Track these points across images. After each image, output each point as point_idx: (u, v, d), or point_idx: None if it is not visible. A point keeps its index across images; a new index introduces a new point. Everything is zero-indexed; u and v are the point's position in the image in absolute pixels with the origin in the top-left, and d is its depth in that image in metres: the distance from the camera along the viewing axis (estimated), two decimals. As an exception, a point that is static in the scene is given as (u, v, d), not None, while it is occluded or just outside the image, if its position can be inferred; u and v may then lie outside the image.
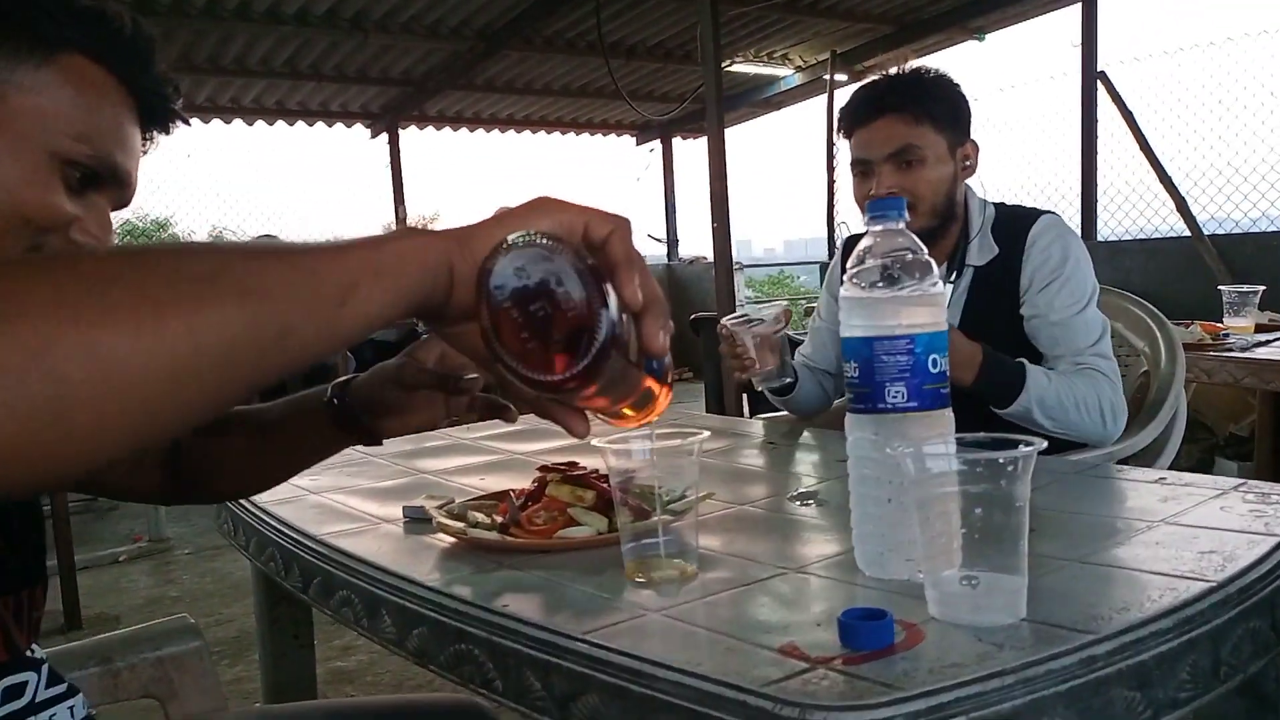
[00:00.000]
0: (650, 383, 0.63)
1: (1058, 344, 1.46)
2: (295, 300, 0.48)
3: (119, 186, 0.75)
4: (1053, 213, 1.58)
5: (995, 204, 1.61)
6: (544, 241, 0.55)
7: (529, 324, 0.56)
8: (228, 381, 0.46)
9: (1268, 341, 2.40)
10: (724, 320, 1.47)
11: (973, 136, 1.56)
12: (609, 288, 0.54)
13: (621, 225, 0.58)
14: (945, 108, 1.52)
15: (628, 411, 0.67)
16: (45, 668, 0.79)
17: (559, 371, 0.55)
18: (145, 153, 0.79)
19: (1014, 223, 1.56)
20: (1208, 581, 0.70)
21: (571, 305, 0.55)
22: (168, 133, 0.81)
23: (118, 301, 0.42)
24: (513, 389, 0.59)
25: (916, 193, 1.49)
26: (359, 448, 0.91)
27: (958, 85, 1.55)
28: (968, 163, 1.56)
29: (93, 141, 0.71)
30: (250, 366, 0.46)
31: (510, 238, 0.56)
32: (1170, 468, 1.57)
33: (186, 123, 0.82)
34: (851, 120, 1.57)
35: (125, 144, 0.75)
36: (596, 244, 0.58)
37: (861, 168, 1.55)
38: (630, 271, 0.56)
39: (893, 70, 1.57)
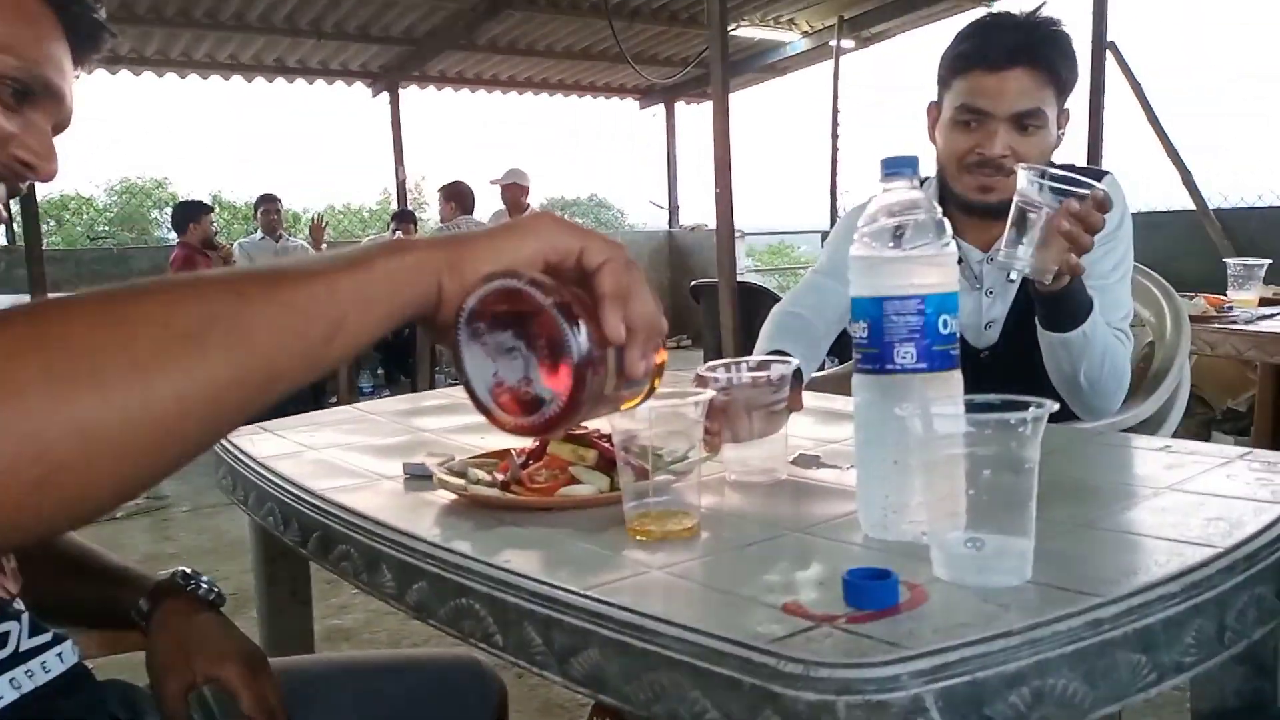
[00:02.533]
0: (631, 393, 0.62)
1: None
2: (283, 346, 0.48)
3: (53, 101, 0.75)
4: (1112, 174, 1.50)
5: (1049, 162, 1.55)
6: (524, 286, 0.54)
7: (504, 370, 0.56)
8: (211, 432, 0.46)
9: (1271, 315, 2.39)
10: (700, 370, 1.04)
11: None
12: (585, 327, 0.54)
13: (616, 255, 0.57)
14: (1073, 74, 1.40)
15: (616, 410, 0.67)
16: (26, 618, 0.79)
17: (530, 418, 0.56)
18: (79, 76, 0.79)
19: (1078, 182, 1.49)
20: (1214, 548, 0.69)
21: (544, 355, 0.55)
22: (97, 50, 0.81)
23: (107, 374, 0.41)
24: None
25: (1028, 160, 1.36)
26: (357, 405, 0.91)
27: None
28: (1060, 132, 1.45)
29: (18, 53, 0.71)
30: (235, 413, 0.47)
31: (493, 274, 0.55)
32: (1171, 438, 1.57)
33: (113, 34, 0.82)
34: (974, 59, 1.38)
35: (53, 58, 0.75)
36: (588, 271, 0.57)
37: (972, 117, 1.39)
38: (616, 306, 0.56)
39: (1027, 10, 1.39)
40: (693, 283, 5.66)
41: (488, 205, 6.53)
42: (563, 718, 2.14)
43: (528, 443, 1.02)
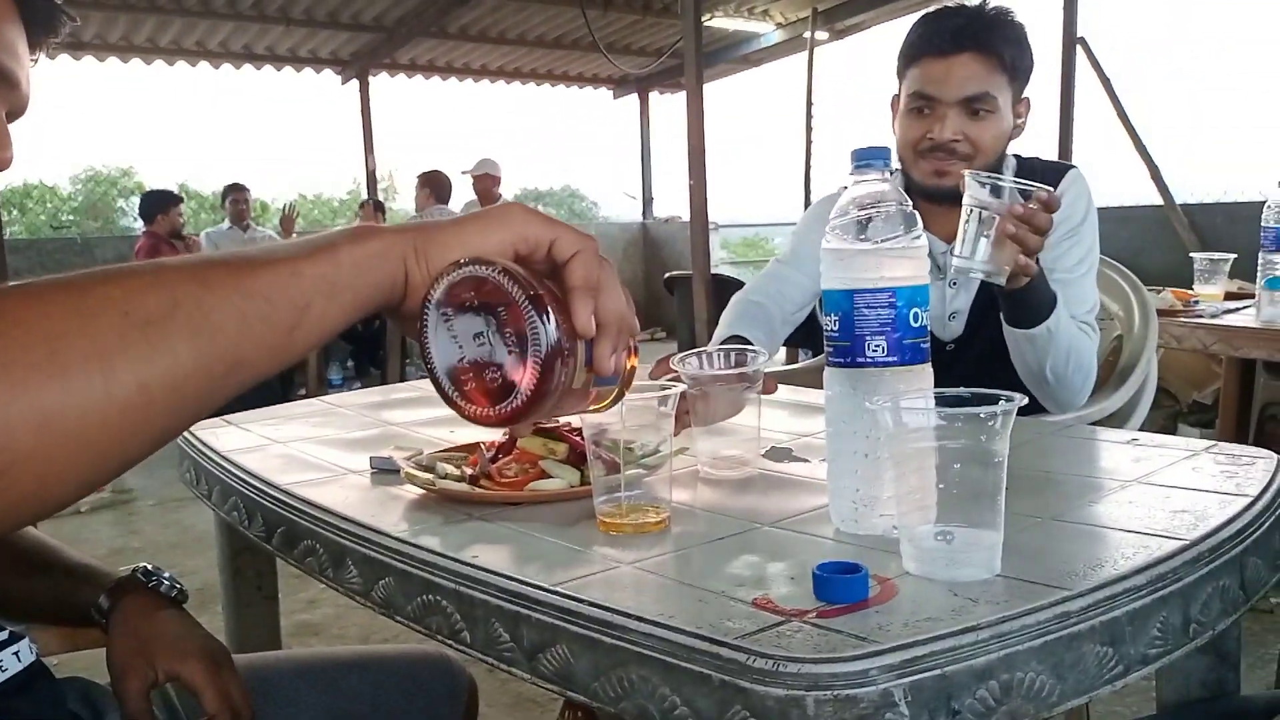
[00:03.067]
0: (600, 390, 0.62)
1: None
2: (248, 333, 0.46)
3: (7, 86, 0.73)
4: (1077, 168, 1.53)
5: (1014, 155, 1.56)
6: (491, 272, 0.53)
7: (470, 359, 0.55)
8: (175, 421, 0.45)
9: (1236, 309, 2.42)
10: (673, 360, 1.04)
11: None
12: (554, 318, 0.53)
13: (587, 247, 0.56)
14: (1024, 59, 1.42)
15: (587, 409, 0.66)
16: None
17: (495, 408, 0.55)
18: (36, 60, 0.77)
19: (1042, 173, 1.49)
20: (1180, 540, 0.70)
21: (512, 344, 0.54)
22: (54, 33, 0.79)
23: (67, 361, 0.40)
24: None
25: (980, 145, 1.40)
26: (325, 398, 0.90)
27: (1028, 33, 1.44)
28: (1020, 121, 1.47)
29: None
30: (199, 402, 0.46)
31: (461, 262, 0.54)
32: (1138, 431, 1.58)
33: (71, 18, 0.80)
34: (922, 48, 1.42)
35: (6, 42, 0.72)
36: (559, 263, 0.56)
37: (922, 104, 1.42)
38: (586, 299, 0.55)
39: (974, 1, 1.43)
40: (666, 275, 5.66)
41: (460, 195, 6.48)
42: (534, 712, 2.13)
43: (497, 436, 1.01)
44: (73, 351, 0.41)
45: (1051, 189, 1.20)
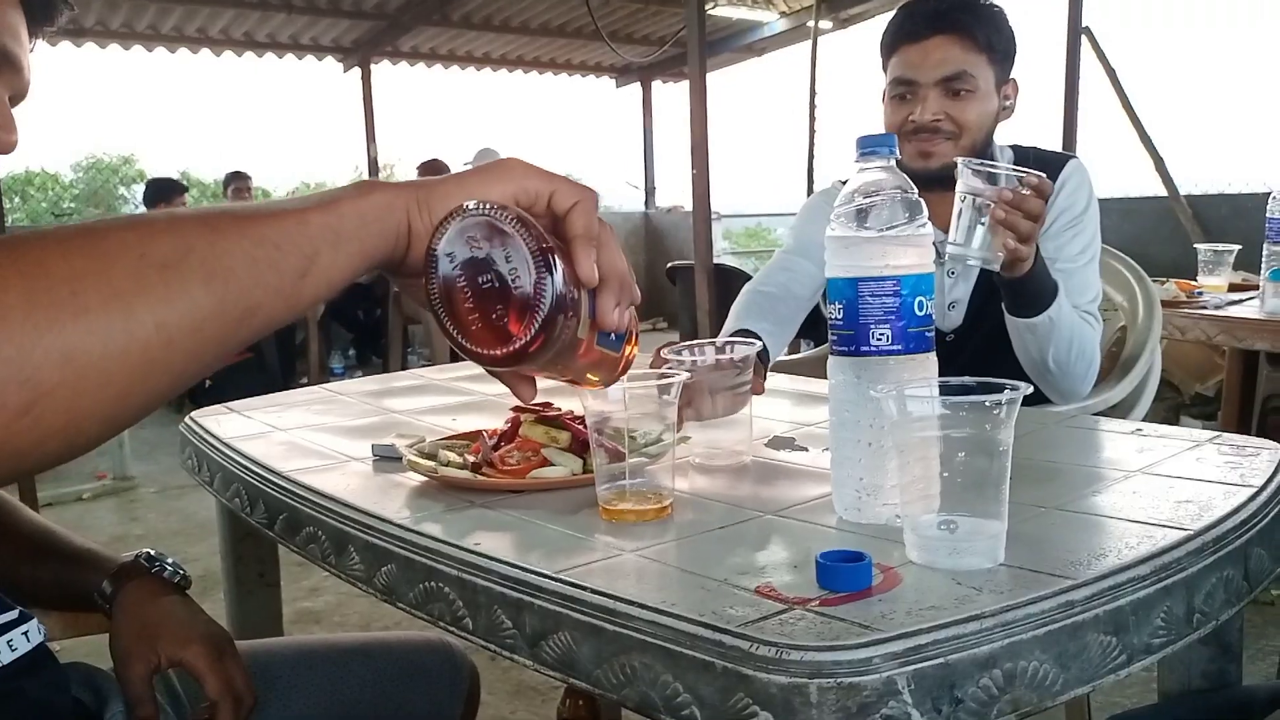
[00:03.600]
0: (604, 353, 0.61)
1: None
2: (259, 278, 0.48)
3: (10, 70, 0.74)
4: (1078, 158, 1.54)
5: (1011, 146, 1.57)
6: (496, 213, 0.54)
7: (475, 298, 0.56)
8: (195, 363, 0.46)
9: (1240, 300, 2.42)
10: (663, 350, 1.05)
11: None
12: (559, 263, 0.54)
13: (586, 197, 0.57)
14: (1002, 39, 1.43)
15: (590, 376, 0.66)
16: None
17: (500, 348, 0.55)
18: (33, 47, 0.78)
19: (1042, 164, 1.50)
20: (1184, 530, 0.69)
21: (518, 283, 0.54)
22: (53, 19, 0.79)
23: (88, 300, 0.41)
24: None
25: (963, 124, 1.41)
26: (327, 385, 0.90)
27: (1009, 19, 1.46)
28: (1008, 102, 1.48)
29: None
30: (217, 345, 0.47)
31: (467, 205, 0.55)
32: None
33: (70, 6, 0.80)
34: (899, 35, 1.45)
35: (8, 25, 0.73)
36: (559, 214, 0.57)
37: (904, 89, 1.44)
38: (588, 247, 0.56)
39: None
40: (669, 265, 5.65)
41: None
42: (535, 700, 2.14)
43: (499, 424, 1.01)
44: (93, 292, 0.42)
45: (1043, 175, 1.21)
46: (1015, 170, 1.21)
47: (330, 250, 0.51)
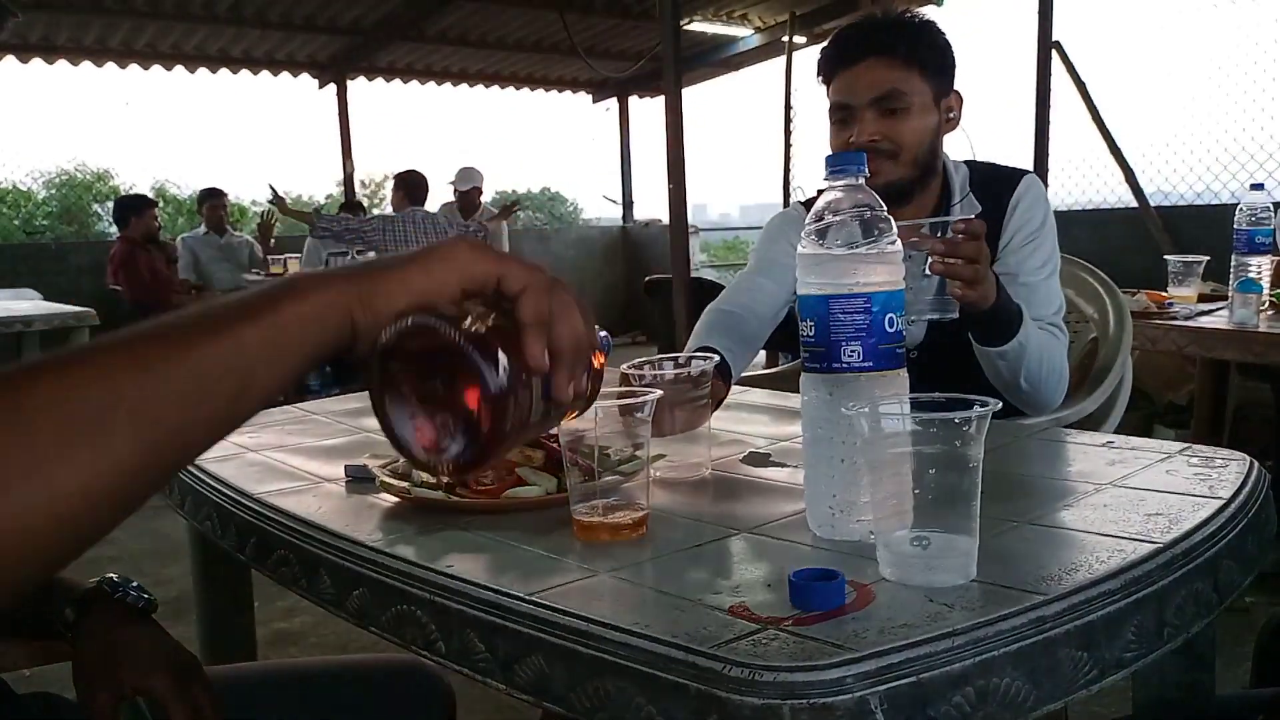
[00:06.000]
0: (568, 412, 0.61)
1: (1024, 305, 1.45)
2: (191, 414, 0.46)
3: None
4: (1032, 173, 1.57)
5: (966, 162, 1.59)
6: (436, 323, 0.52)
7: (422, 406, 0.55)
8: (122, 512, 0.44)
9: (1210, 311, 2.45)
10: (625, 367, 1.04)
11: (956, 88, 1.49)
12: (503, 361, 0.53)
13: (535, 281, 0.55)
14: (933, 54, 1.45)
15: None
16: None
17: (450, 462, 0.55)
18: None
19: (996, 181, 1.52)
20: (1154, 543, 0.70)
21: (463, 394, 0.53)
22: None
23: (7, 474, 0.39)
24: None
25: (900, 142, 1.42)
26: (302, 404, 0.89)
27: (944, 32, 1.48)
28: (951, 114, 1.50)
29: None
30: (145, 489, 0.45)
31: (403, 325, 0.53)
32: (1114, 434, 1.59)
33: (13, 13, 0.78)
34: (833, 62, 1.47)
35: None
36: (509, 297, 0.55)
37: (842, 114, 1.46)
38: (539, 334, 0.54)
39: (878, 12, 1.48)
40: (646, 278, 5.65)
41: (438, 195, 6.45)
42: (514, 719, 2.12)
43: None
44: (14, 464, 0.40)
45: (970, 217, 1.23)
46: (939, 220, 1.23)
47: (268, 368, 0.48)
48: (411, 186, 5.71)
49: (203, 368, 0.46)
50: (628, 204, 9.99)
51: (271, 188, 5.67)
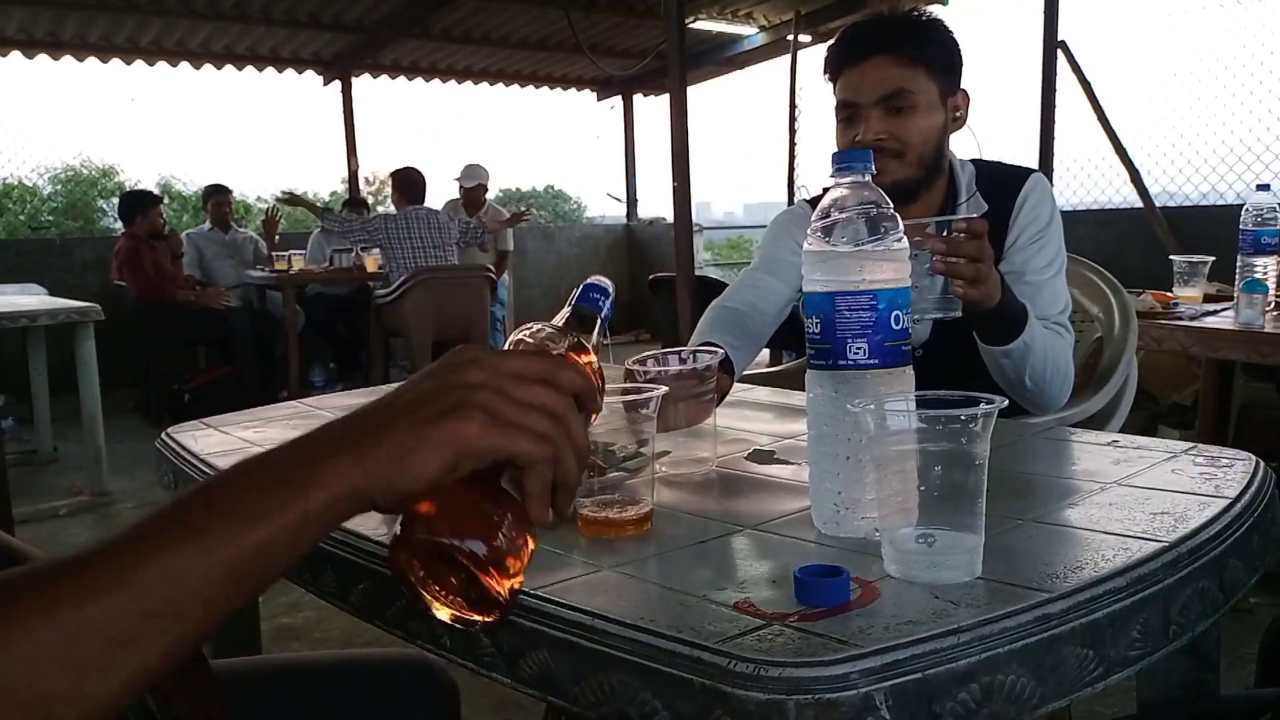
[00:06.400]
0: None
1: (1029, 304, 1.45)
2: (211, 613, 0.49)
3: None
4: (1039, 171, 1.56)
5: (972, 160, 1.59)
6: (442, 540, 0.56)
7: (441, 581, 0.60)
8: (138, 688, 0.47)
9: (1215, 311, 2.45)
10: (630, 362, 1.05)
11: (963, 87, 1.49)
12: (502, 583, 0.58)
13: (541, 454, 0.57)
14: (940, 52, 1.45)
15: None
16: None
17: (479, 619, 0.61)
18: None
19: (1003, 180, 1.52)
20: (1160, 542, 0.70)
21: (473, 591, 0.58)
22: None
23: (51, 701, 0.43)
24: None
25: (906, 140, 1.42)
26: (307, 400, 0.89)
27: (951, 31, 1.47)
28: (958, 113, 1.49)
29: None
30: (162, 669, 0.48)
31: (410, 538, 0.57)
32: (1119, 433, 1.59)
33: None
34: (840, 60, 1.47)
35: None
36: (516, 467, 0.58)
37: (848, 112, 1.46)
38: (542, 503, 0.58)
39: (885, 10, 1.48)
40: (651, 276, 5.65)
41: (441, 193, 6.46)
42: (518, 715, 2.12)
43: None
44: (56, 687, 0.43)
45: (973, 215, 1.22)
46: (941, 219, 1.23)
47: (290, 550, 0.51)
48: (407, 185, 5.69)
49: (219, 573, 0.49)
50: (632, 202, 9.99)
51: (285, 192, 5.74)
